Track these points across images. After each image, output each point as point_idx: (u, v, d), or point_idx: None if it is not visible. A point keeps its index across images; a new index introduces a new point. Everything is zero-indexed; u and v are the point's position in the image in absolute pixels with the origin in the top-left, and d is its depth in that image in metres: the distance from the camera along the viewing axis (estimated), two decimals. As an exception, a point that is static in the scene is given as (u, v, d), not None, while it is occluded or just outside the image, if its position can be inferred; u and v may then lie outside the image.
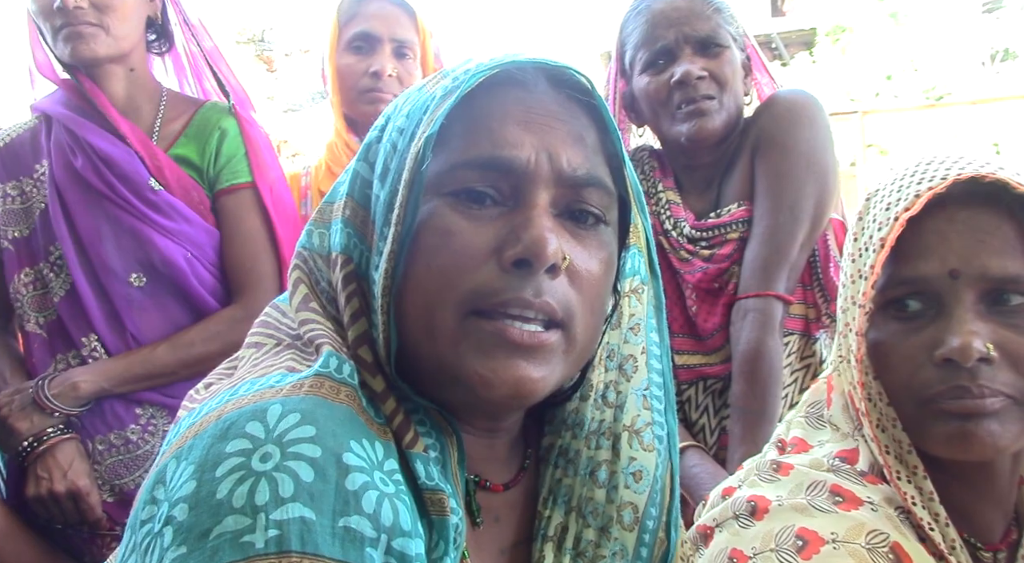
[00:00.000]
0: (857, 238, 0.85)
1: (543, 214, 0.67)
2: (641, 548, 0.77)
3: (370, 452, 0.61)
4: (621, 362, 0.80)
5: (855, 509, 0.78)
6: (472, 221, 0.67)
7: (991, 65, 11.52)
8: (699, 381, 1.56)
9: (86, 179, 1.56)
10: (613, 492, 0.77)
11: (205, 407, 0.63)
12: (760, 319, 1.44)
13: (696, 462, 1.44)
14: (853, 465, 0.84)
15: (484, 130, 0.68)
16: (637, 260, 0.81)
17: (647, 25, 1.53)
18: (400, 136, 0.69)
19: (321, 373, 0.64)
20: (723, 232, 1.53)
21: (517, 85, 0.69)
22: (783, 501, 0.80)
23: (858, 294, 0.82)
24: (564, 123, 0.70)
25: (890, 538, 0.75)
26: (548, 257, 0.65)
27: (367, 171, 0.72)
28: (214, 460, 0.57)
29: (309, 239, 0.76)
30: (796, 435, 0.91)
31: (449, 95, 0.67)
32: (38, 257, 1.59)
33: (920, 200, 0.78)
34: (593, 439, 0.78)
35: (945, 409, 0.77)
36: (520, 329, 0.65)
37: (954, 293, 0.77)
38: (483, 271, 0.65)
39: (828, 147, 1.53)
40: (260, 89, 11.43)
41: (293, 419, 0.59)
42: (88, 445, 1.54)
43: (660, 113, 1.54)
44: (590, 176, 0.70)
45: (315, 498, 0.56)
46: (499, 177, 0.67)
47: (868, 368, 0.82)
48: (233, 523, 0.54)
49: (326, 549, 0.55)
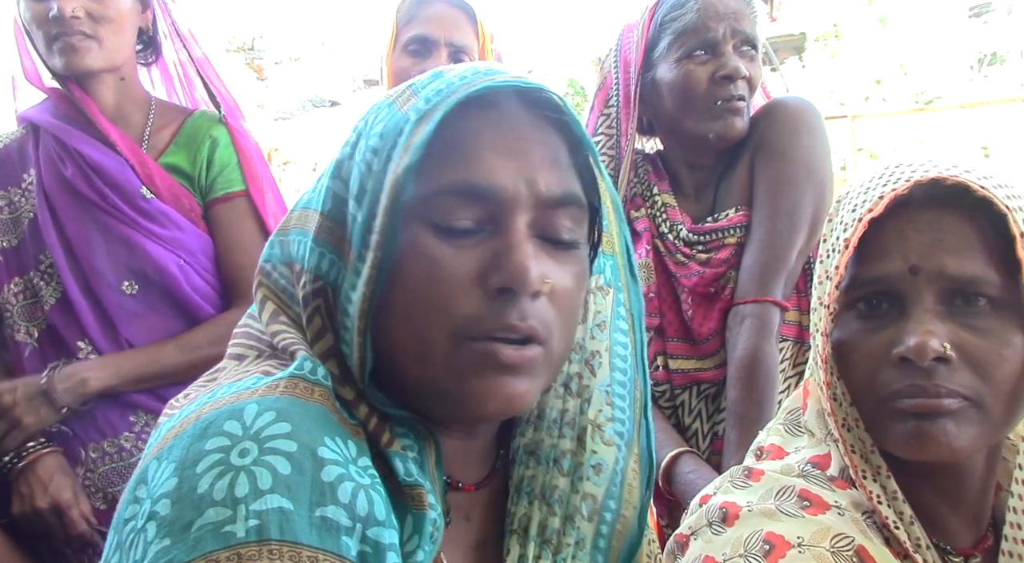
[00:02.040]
0: (826, 240, 0.87)
1: (524, 240, 0.69)
2: (599, 539, 0.80)
3: (343, 448, 0.63)
4: (587, 357, 0.83)
5: (822, 513, 0.79)
6: (455, 248, 0.69)
7: (979, 69, 11.57)
8: (693, 386, 1.56)
9: (76, 188, 1.57)
10: (578, 482, 0.80)
11: (184, 411, 0.66)
12: (757, 325, 1.45)
13: (692, 468, 1.44)
14: (824, 470, 0.85)
15: (461, 156, 0.69)
16: (603, 261, 0.83)
17: (696, 15, 1.51)
18: (375, 157, 0.70)
19: (296, 375, 0.67)
20: (720, 236, 1.54)
21: (489, 107, 0.71)
22: (753, 507, 0.81)
23: (824, 295, 0.84)
24: (539, 146, 0.72)
25: (855, 541, 0.76)
26: (531, 284, 0.67)
27: (341, 189, 0.73)
28: (194, 457, 0.59)
29: (271, 250, 0.77)
30: (773, 442, 0.92)
31: (424, 120, 0.68)
32: (28, 266, 1.59)
33: (883, 201, 0.79)
34: (555, 429, 0.81)
35: (902, 408, 0.78)
36: (509, 352, 0.68)
37: (915, 293, 0.78)
38: (470, 299, 0.68)
39: (826, 155, 1.55)
40: (250, 97, 11.42)
41: (269, 417, 0.61)
42: (81, 453, 1.54)
43: (690, 105, 1.53)
44: (566, 196, 0.72)
45: (292, 489, 0.58)
46: (479, 204, 0.69)
47: (833, 368, 0.83)
48: (214, 515, 0.56)
49: (304, 537, 0.57)
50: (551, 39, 14.99)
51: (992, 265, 0.78)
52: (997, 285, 0.78)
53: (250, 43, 12.97)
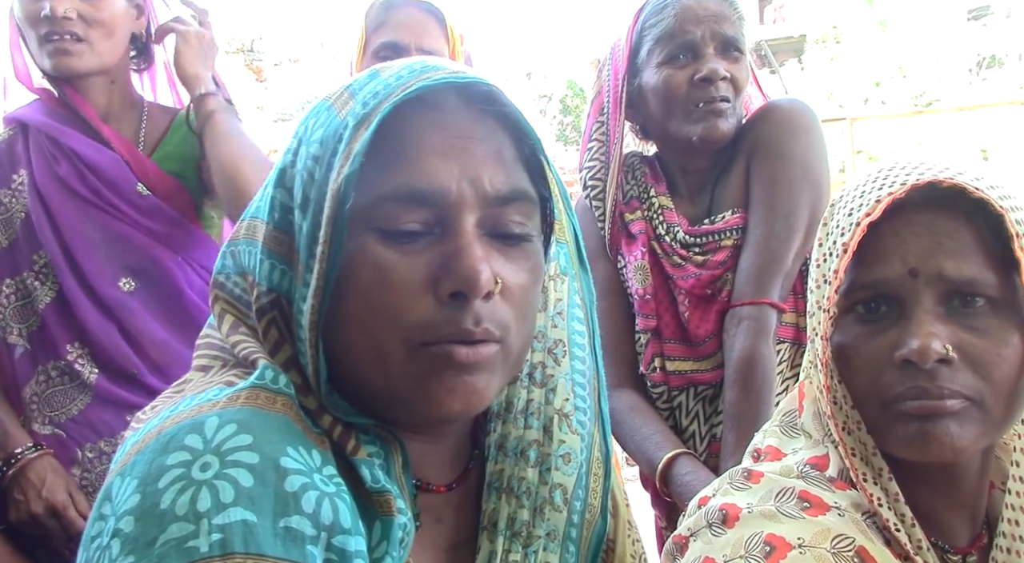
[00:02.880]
0: (822, 243, 0.87)
1: (472, 242, 0.68)
2: (570, 529, 0.80)
3: (307, 457, 0.63)
4: (550, 346, 0.83)
5: (822, 514, 0.78)
6: (403, 255, 0.68)
7: (978, 72, 11.60)
8: (690, 387, 1.55)
9: (71, 186, 1.56)
10: (547, 473, 0.79)
11: (147, 425, 0.65)
12: (754, 327, 1.44)
13: (689, 470, 1.43)
14: (823, 471, 0.84)
15: (402, 161, 0.68)
16: (558, 248, 0.83)
17: (674, 19, 1.51)
18: (316, 164, 0.69)
19: (257, 385, 0.66)
20: (717, 239, 1.53)
21: (428, 106, 0.69)
22: (753, 508, 0.81)
23: (823, 299, 0.83)
24: (481, 142, 0.70)
25: (856, 542, 0.75)
26: (482, 287, 0.67)
27: (286, 198, 0.72)
28: (156, 473, 0.59)
29: (223, 261, 0.77)
30: (770, 444, 0.92)
31: (362, 125, 0.67)
32: (21, 267, 1.58)
33: (880, 205, 0.79)
34: (522, 418, 0.81)
35: (905, 411, 0.78)
36: (465, 352, 0.68)
37: (914, 295, 0.78)
38: (421, 305, 0.67)
39: (823, 157, 1.54)
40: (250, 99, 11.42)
41: (230, 429, 0.61)
42: (77, 453, 1.54)
43: (672, 109, 1.53)
44: (513, 191, 0.71)
45: (255, 501, 0.58)
46: (424, 209, 0.68)
47: (833, 372, 0.83)
48: (177, 530, 0.56)
49: (269, 549, 0.57)
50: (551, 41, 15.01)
51: (989, 266, 0.78)
52: (995, 285, 0.78)
53: (249, 45, 13.00)
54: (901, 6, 12.20)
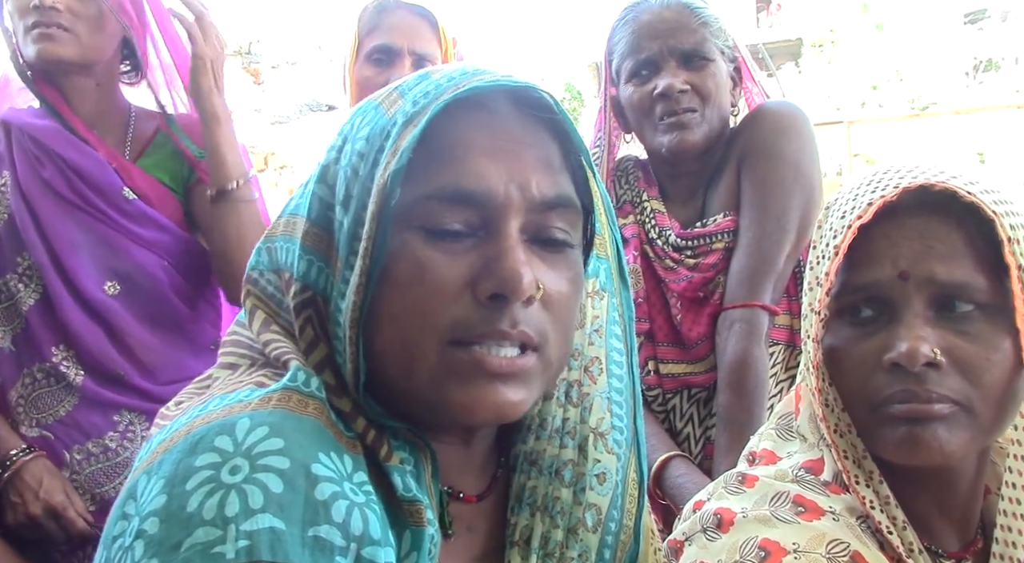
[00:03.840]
0: (816, 246, 0.87)
1: (516, 245, 0.67)
2: (604, 550, 0.78)
3: (338, 464, 0.61)
4: (586, 364, 0.81)
5: (817, 519, 0.78)
6: (445, 254, 0.67)
7: (974, 75, 11.62)
8: (684, 390, 1.56)
9: (55, 188, 1.55)
10: (580, 493, 0.78)
11: (175, 423, 0.64)
12: (746, 329, 1.45)
13: (682, 472, 1.44)
14: (817, 475, 0.84)
15: (450, 160, 0.67)
16: (597, 264, 0.82)
17: (633, 36, 1.54)
18: (361, 161, 0.68)
19: (289, 387, 0.64)
20: (708, 241, 1.53)
21: (479, 108, 0.69)
22: (747, 513, 0.81)
23: (815, 301, 0.83)
24: (530, 147, 0.70)
25: (850, 547, 0.75)
26: (524, 291, 0.65)
27: (327, 194, 0.71)
28: (184, 474, 0.58)
29: (258, 257, 0.76)
30: (765, 447, 0.92)
31: (411, 123, 0.66)
32: (5, 269, 1.56)
33: (871, 208, 0.79)
34: (557, 438, 0.79)
35: (894, 414, 0.78)
36: (498, 357, 0.66)
37: (904, 299, 0.78)
38: (459, 304, 0.66)
39: (814, 158, 1.54)
40: (247, 101, 11.43)
41: (261, 432, 0.59)
42: (65, 455, 1.52)
43: (643, 123, 1.56)
44: (559, 198, 0.70)
45: (284, 508, 0.56)
46: (469, 209, 0.67)
47: (824, 374, 0.83)
48: (204, 535, 0.55)
49: (296, 558, 0.55)
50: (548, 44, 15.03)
51: (980, 270, 0.78)
52: (985, 290, 0.78)
53: (247, 47, 12.99)
54: (897, 9, 12.22)
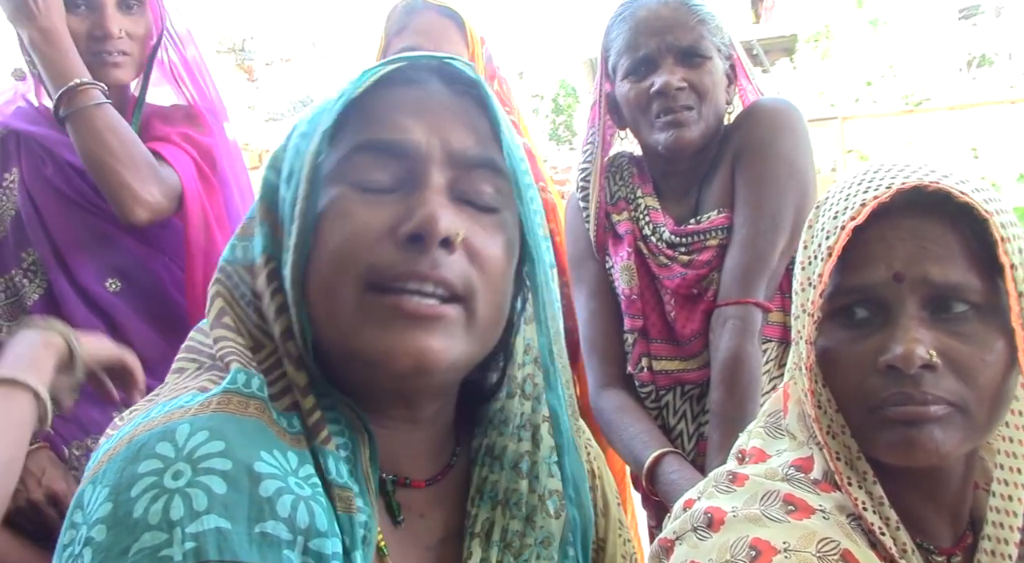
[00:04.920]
0: (807, 246, 0.86)
1: (437, 193, 0.70)
2: (568, 533, 0.80)
3: (281, 460, 0.63)
4: (537, 356, 0.83)
5: (807, 518, 0.78)
6: (369, 204, 0.69)
7: (968, 71, 11.64)
8: (677, 387, 1.56)
9: (56, 186, 1.57)
10: (535, 481, 0.80)
11: (120, 432, 0.65)
12: (740, 326, 1.45)
13: (675, 469, 1.43)
14: (807, 474, 0.84)
15: (377, 119, 0.71)
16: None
17: (630, 32, 1.53)
18: (302, 140, 0.72)
19: (229, 390, 0.66)
20: (702, 238, 1.53)
21: (410, 83, 0.73)
22: (738, 512, 0.80)
23: (807, 302, 0.83)
24: (455, 113, 0.73)
25: (841, 546, 0.75)
26: (440, 231, 0.67)
27: (274, 177, 0.75)
28: (128, 481, 0.59)
29: (232, 253, 0.77)
30: (755, 445, 0.92)
31: (344, 94, 0.71)
32: (10, 265, 1.59)
33: (865, 209, 0.78)
34: (516, 433, 0.81)
35: (890, 416, 0.77)
36: (417, 302, 0.67)
37: (899, 300, 0.78)
38: (380, 249, 0.68)
39: (808, 155, 1.54)
40: (241, 98, 11.40)
41: (202, 436, 0.61)
42: (64, 451, 1.53)
43: (639, 120, 1.55)
44: (482, 157, 0.73)
45: (229, 508, 0.58)
46: (394, 161, 0.70)
47: (818, 376, 0.83)
48: (151, 539, 0.56)
49: (244, 555, 0.57)
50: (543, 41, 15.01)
51: (974, 271, 0.77)
52: (979, 291, 0.77)
53: (240, 44, 12.97)
54: (892, 5, 12.24)
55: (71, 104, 1.49)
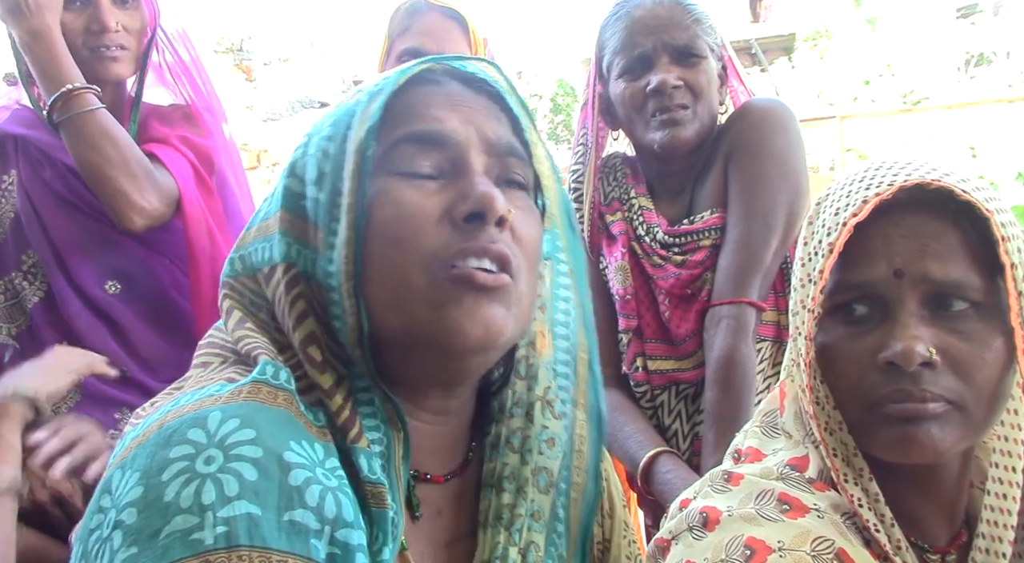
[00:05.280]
0: (807, 242, 0.86)
1: (483, 175, 0.73)
2: (558, 510, 0.82)
3: (310, 451, 0.63)
4: (531, 338, 0.85)
5: (802, 517, 0.78)
6: (420, 191, 0.72)
7: (966, 70, 11.65)
8: (672, 386, 1.56)
9: (55, 189, 1.56)
10: (528, 455, 0.82)
11: (148, 420, 0.65)
12: (734, 326, 1.45)
13: (670, 468, 1.44)
14: (803, 472, 0.84)
15: (414, 114, 0.75)
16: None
17: (626, 31, 1.53)
18: (330, 142, 0.74)
19: (258, 380, 0.67)
20: (696, 238, 1.54)
21: (431, 83, 0.76)
22: (733, 511, 0.80)
23: (807, 298, 0.83)
24: (480, 107, 0.77)
25: (835, 544, 0.75)
26: (497, 209, 0.71)
27: (297, 185, 0.76)
28: (159, 465, 0.59)
29: (232, 268, 0.78)
30: (751, 445, 0.92)
31: (376, 96, 0.73)
32: (9, 267, 1.58)
33: (867, 206, 0.79)
34: (510, 412, 0.84)
35: (888, 413, 0.77)
36: (484, 274, 0.70)
37: (899, 297, 0.78)
38: (439, 232, 0.71)
39: (800, 155, 1.55)
40: (239, 98, 11.40)
41: (233, 424, 0.61)
42: None
43: (634, 119, 1.55)
44: (512, 146, 0.77)
45: (260, 495, 0.58)
46: (435, 150, 0.73)
47: (817, 372, 0.83)
48: (182, 522, 0.56)
49: (273, 542, 0.57)
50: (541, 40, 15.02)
51: (974, 269, 0.77)
52: (979, 289, 0.78)
53: (239, 44, 12.95)
54: (890, 4, 12.25)
55: (64, 110, 1.47)
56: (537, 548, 0.79)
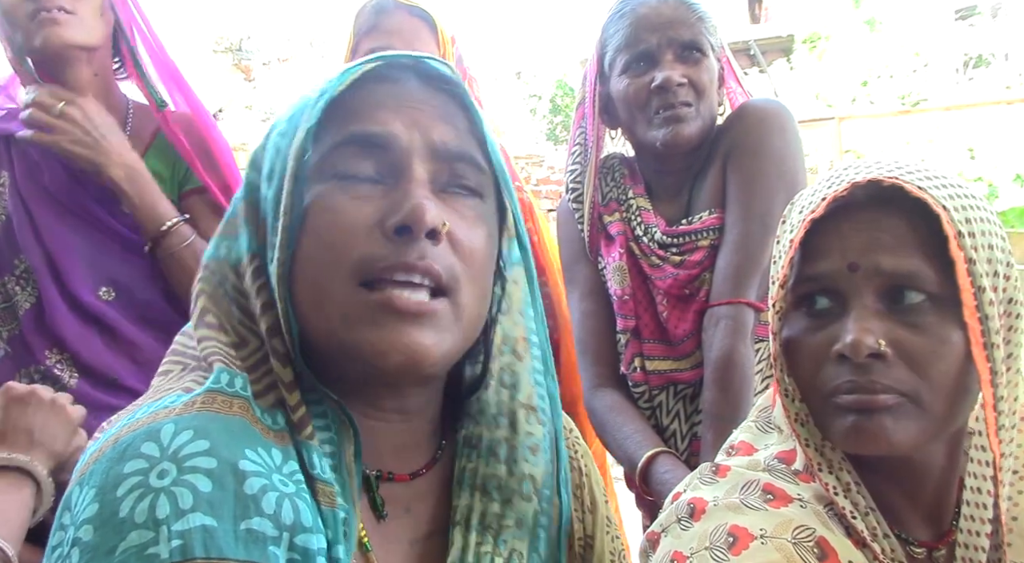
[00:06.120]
0: (779, 241, 0.89)
1: (421, 185, 0.71)
2: (540, 517, 0.82)
3: (266, 458, 0.64)
4: (513, 345, 0.85)
5: (784, 506, 0.80)
6: (355, 198, 0.71)
7: (965, 71, 11.65)
8: (670, 386, 1.57)
9: (54, 195, 1.55)
10: (514, 465, 0.81)
11: (106, 434, 0.66)
12: (732, 326, 1.46)
13: (668, 468, 1.45)
14: (790, 465, 0.86)
15: (358, 115, 0.73)
16: (515, 248, 0.85)
17: (630, 28, 1.53)
18: (282, 138, 0.74)
19: (212, 389, 0.67)
20: (694, 239, 1.54)
21: (388, 80, 0.74)
22: (719, 501, 0.83)
23: (773, 295, 0.85)
24: (433, 107, 0.75)
25: (816, 532, 0.77)
26: (427, 222, 0.68)
27: (256, 177, 0.76)
28: (114, 481, 0.60)
29: (216, 251, 0.78)
30: (743, 439, 0.94)
31: (325, 94, 0.72)
32: (2, 271, 1.56)
33: (823, 203, 0.81)
34: (494, 421, 0.83)
35: (841, 404, 0.79)
36: (407, 297, 0.68)
37: (854, 290, 0.80)
38: (368, 242, 0.69)
39: (798, 155, 1.55)
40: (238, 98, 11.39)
41: (186, 436, 0.62)
42: None
43: (636, 117, 1.55)
44: (462, 151, 0.75)
45: (215, 506, 0.59)
46: (376, 153, 0.72)
47: (783, 365, 0.85)
48: (137, 538, 0.57)
49: (230, 552, 0.58)
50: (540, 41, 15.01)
51: (929, 263, 0.79)
52: (934, 282, 0.79)
53: (238, 44, 12.94)
54: (888, 6, 12.24)
55: (166, 247, 1.54)
56: (520, 556, 0.79)
